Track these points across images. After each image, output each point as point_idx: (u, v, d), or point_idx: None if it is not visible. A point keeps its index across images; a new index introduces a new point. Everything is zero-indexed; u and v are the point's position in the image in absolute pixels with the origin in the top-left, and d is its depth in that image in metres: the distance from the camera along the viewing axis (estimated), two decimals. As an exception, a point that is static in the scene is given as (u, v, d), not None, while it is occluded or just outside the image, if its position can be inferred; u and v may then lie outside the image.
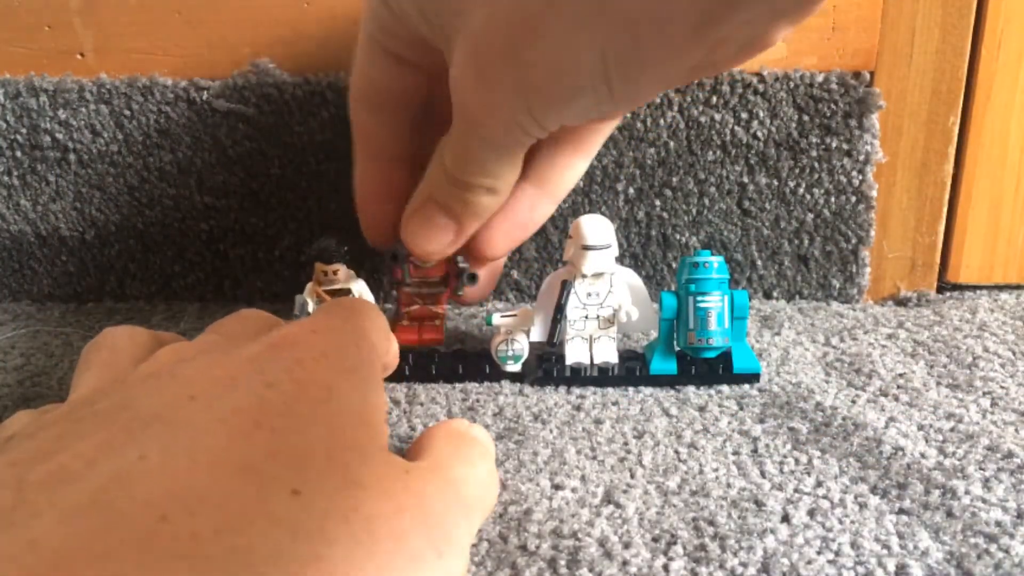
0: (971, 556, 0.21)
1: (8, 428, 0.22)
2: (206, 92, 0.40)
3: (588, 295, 0.33)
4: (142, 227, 0.42)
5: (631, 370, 0.33)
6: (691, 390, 0.32)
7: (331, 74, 0.40)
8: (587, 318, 0.33)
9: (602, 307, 0.33)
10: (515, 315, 0.33)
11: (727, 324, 0.32)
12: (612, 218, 0.40)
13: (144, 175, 0.41)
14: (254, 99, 0.40)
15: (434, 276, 0.34)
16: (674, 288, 0.34)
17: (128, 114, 0.40)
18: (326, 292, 0.32)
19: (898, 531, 0.23)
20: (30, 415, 0.22)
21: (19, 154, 0.41)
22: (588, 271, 0.32)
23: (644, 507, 0.24)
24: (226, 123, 0.40)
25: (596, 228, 0.32)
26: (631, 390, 0.32)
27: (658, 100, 0.40)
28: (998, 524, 0.23)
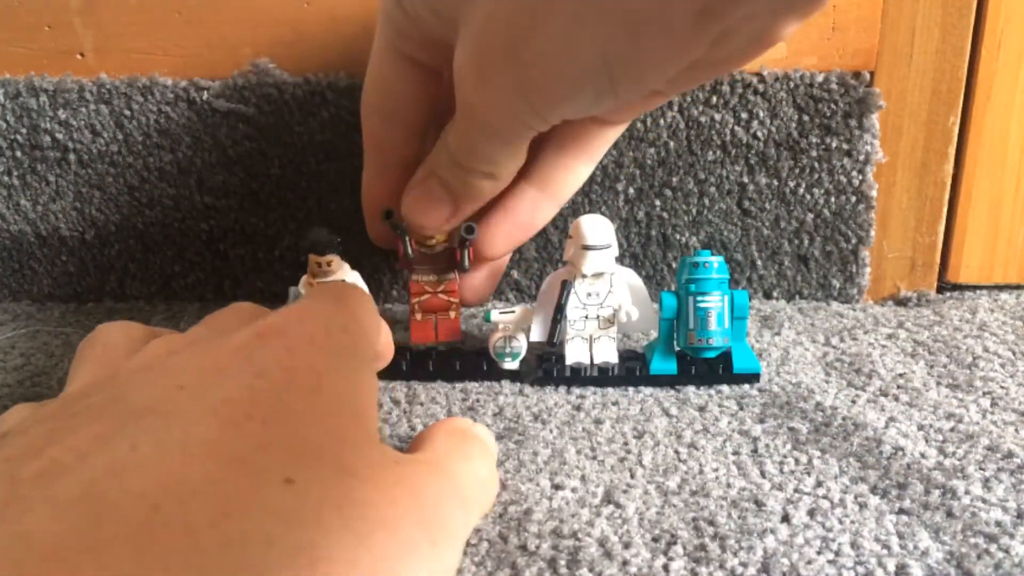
0: (971, 556, 0.21)
1: (5, 423, 0.22)
2: (206, 92, 0.40)
3: (588, 295, 0.33)
4: (142, 227, 0.42)
5: (631, 370, 0.33)
6: (691, 390, 0.32)
7: (331, 74, 0.40)
8: (587, 318, 0.33)
9: (602, 307, 0.33)
10: (514, 312, 0.33)
11: (727, 324, 0.32)
12: (612, 218, 0.40)
13: (144, 175, 0.41)
14: (254, 99, 0.40)
15: (438, 260, 0.33)
16: (674, 288, 0.34)
17: (128, 114, 0.40)
18: (320, 284, 0.32)
19: (898, 531, 0.23)
20: (28, 408, 0.23)
21: (19, 154, 0.41)
22: (588, 271, 0.32)
23: (644, 507, 0.24)
24: (226, 123, 0.40)
25: (596, 228, 0.32)
26: (631, 390, 0.32)
27: (658, 100, 0.40)
28: (998, 524, 0.23)
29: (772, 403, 0.31)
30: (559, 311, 0.32)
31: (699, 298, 0.32)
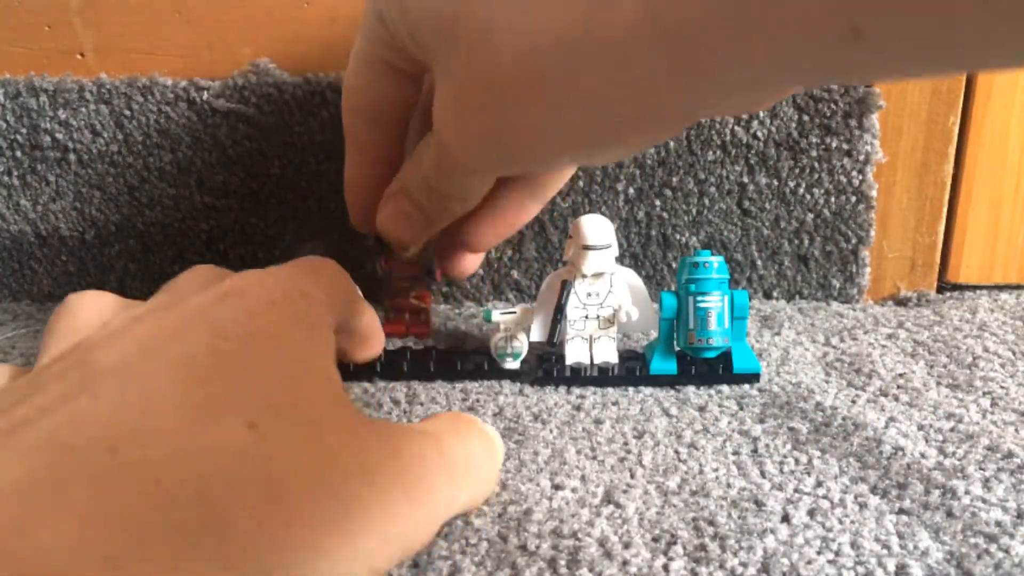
0: (971, 556, 0.21)
1: None
2: (206, 92, 0.40)
3: (588, 295, 0.33)
4: (142, 227, 0.42)
5: (631, 370, 0.33)
6: (691, 390, 0.32)
7: (331, 74, 0.40)
8: (587, 318, 0.33)
9: (602, 307, 0.33)
10: (514, 312, 0.33)
11: (727, 324, 0.32)
12: (612, 218, 0.40)
13: (144, 175, 0.41)
14: (254, 99, 0.40)
15: (408, 271, 0.36)
16: (674, 288, 0.34)
17: (128, 114, 0.40)
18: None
19: (898, 531, 0.23)
20: (5, 375, 0.23)
21: (19, 154, 0.41)
22: (588, 271, 0.32)
23: (644, 507, 0.24)
24: (226, 123, 0.40)
25: (596, 228, 0.32)
26: (631, 390, 0.32)
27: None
28: (998, 524, 0.23)
29: (772, 403, 0.31)
30: (559, 311, 0.32)
31: (699, 298, 0.32)
